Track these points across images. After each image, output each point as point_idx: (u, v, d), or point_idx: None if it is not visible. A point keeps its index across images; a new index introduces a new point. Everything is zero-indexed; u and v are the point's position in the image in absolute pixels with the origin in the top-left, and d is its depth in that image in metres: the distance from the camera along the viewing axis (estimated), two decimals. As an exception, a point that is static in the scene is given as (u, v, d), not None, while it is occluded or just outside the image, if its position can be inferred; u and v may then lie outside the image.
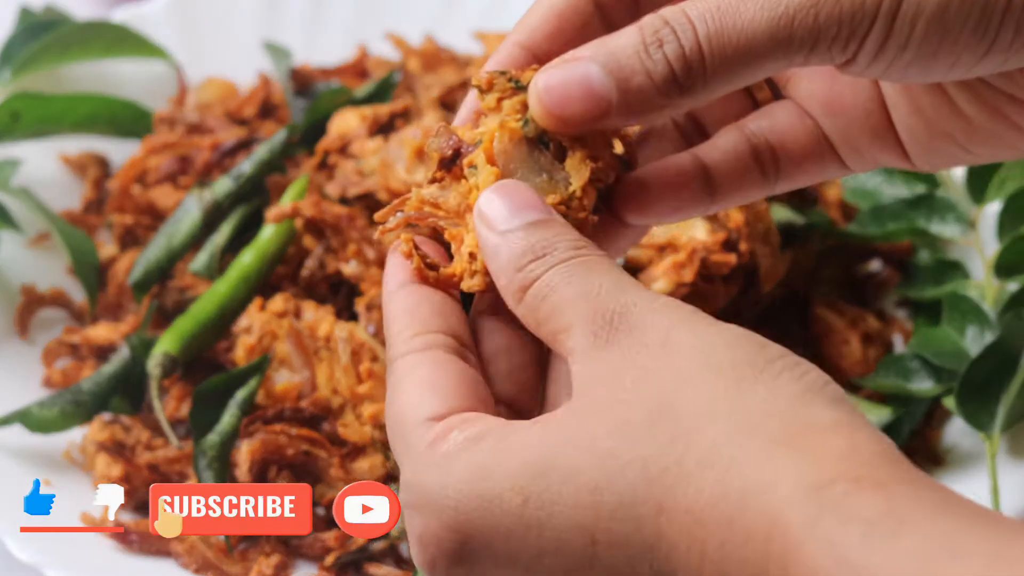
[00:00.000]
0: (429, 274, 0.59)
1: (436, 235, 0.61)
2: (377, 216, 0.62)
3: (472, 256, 0.59)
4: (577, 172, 0.59)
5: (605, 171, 0.59)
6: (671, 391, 0.49)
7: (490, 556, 0.51)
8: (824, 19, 0.53)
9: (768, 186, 0.64)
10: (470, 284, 0.59)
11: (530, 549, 0.50)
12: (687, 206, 0.62)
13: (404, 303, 0.58)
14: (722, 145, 0.63)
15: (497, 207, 0.56)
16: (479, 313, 0.60)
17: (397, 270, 0.60)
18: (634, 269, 0.96)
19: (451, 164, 0.60)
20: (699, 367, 0.49)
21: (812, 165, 0.64)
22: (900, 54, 0.54)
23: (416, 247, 0.60)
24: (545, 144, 0.59)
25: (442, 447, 0.52)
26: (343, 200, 0.99)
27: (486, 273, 0.58)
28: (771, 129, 0.64)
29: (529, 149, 0.59)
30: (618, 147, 0.61)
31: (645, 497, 0.48)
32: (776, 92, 0.66)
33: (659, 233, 0.96)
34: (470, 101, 0.64)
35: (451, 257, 0.61)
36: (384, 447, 0.91)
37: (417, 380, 0.55)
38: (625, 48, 0.55)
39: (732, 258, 0.95)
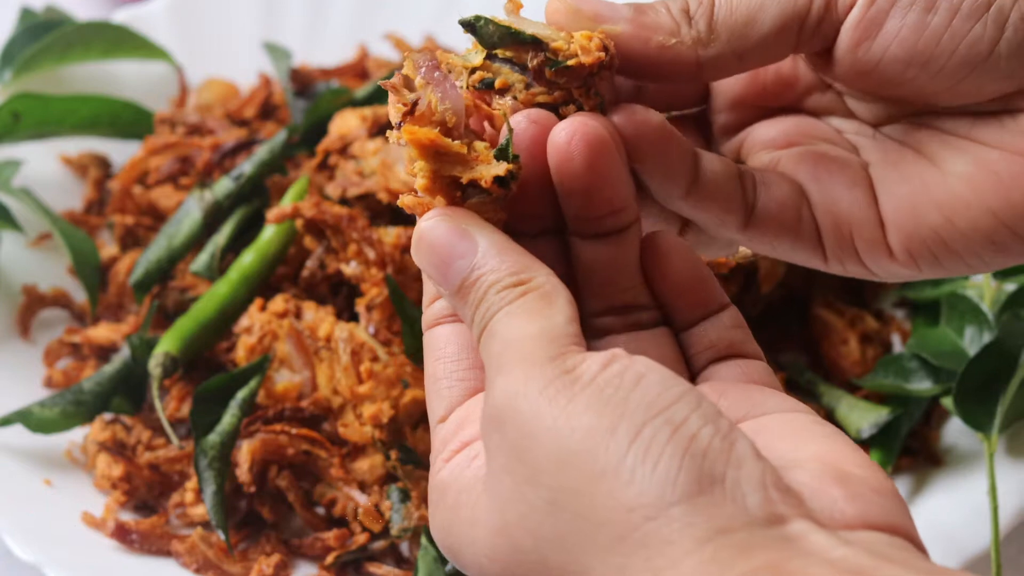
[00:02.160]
0: (409, 120, 0.57)
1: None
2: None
3: None
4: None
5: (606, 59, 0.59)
6: (545, 520, 0.51)
7: None
8: None
9: (745, 209, 0.64)
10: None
11: None
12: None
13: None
14: (711, 154, 0.64)
15: (437, 260, 0.57)
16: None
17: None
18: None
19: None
20: (561, 483, 0.51)
21: (788, 218, 0.64)
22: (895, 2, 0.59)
23: (405, 105, 0.57)
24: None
25: (435, 482, 0.57)
26: (343, 201, 0.99)
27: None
28: (758, 170, 0.65)
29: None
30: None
31: None
32: None
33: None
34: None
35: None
36: (384, 447, 0.91)
37: (429, 372, 0.60)
38: None
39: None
